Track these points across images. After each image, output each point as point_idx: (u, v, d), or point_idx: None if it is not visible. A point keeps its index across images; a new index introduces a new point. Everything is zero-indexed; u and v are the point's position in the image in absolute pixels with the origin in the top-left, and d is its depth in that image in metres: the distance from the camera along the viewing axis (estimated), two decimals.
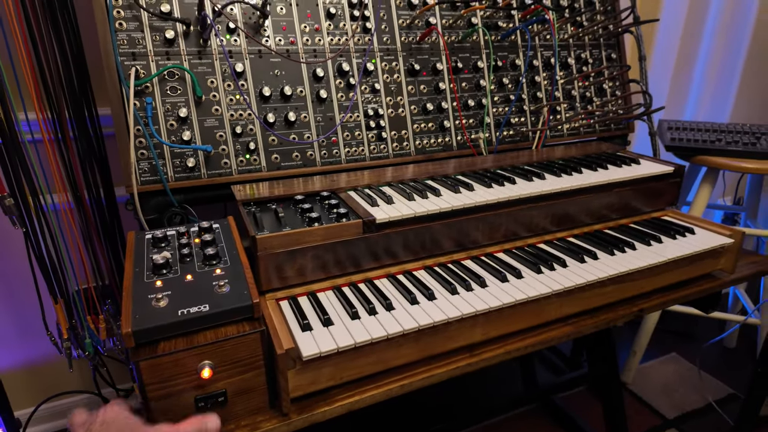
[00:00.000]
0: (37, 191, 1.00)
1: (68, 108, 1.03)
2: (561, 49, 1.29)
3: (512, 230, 0.95)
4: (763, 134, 1.48)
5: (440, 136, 1.15)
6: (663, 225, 1.03)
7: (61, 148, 1.06)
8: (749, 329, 1.86)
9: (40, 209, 1.01)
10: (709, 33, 1.90)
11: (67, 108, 1.03)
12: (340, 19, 1.05)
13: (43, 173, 1.03)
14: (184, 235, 0.75)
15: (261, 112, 0.98)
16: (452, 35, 1.16)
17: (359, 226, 0.79)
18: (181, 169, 0.92)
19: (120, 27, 0.89)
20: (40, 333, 1.34)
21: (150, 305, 0.60)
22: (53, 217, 1.05)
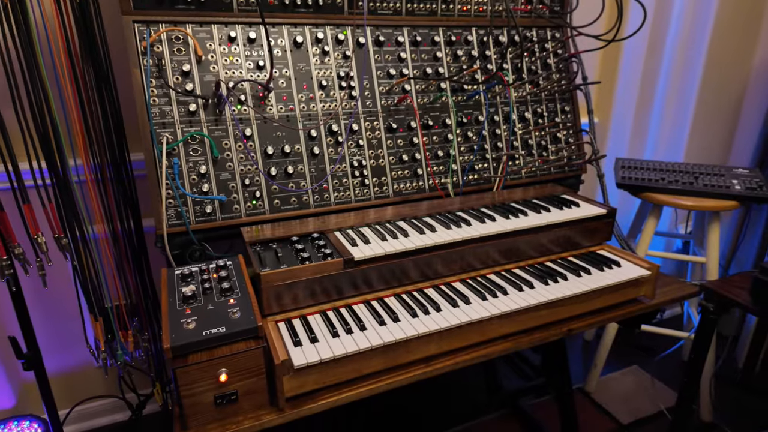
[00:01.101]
0: (82, 224, 1.22)
1: (107, 156, 1.27)
2: (519, 104, 1.52)
3: (468, 263, 1.17)
4: (701, 174, 1.69)
5: (415, 181, 1.38)
6: (596, 258, 1.25)
7: (100, 188, 1.29)
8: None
9: (82, 240, 1.24)
10: (664, 77, 2.13)
11: (106, 156, 1.27)
12: (330, 89, 1.29)
13: (86, 209, 1.26)
14: (205, 271, 0.98)
15: (265, 166, 1.21)
16: (424, 98, 1.39)
17: (341, 263, 1.01)
18: (201, 214, 1.15)
19: (153, 102, 1.12)
20: (75, 345, 1.57)
21: (182, 327, 0.82)
22: (93, 245, 1.28)
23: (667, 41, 2.08)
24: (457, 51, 1.43)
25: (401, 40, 1.36)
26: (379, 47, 1.35)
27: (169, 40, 1.14)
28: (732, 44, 2.08)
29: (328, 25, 1.29)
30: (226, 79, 1.18)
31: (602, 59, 2.15)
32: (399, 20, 1.37)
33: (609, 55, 2.11)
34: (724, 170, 1.71)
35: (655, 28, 2.06)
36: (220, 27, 1.19)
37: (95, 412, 1.71)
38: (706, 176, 1.68)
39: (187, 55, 1.15)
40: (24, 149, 1.09)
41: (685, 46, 2.07)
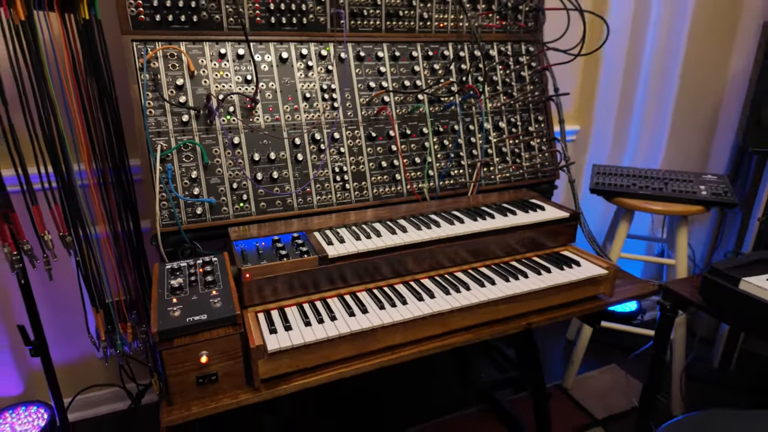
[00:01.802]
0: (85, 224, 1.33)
1: (108, 161, 1.38)
2: (495, 114, 1.62)
3: (438, 261, 1.27)
4: (671, 180, 1.78)
5: (393, 186, 1.48)
6: (558, 258, 1.34)
7: (102, 191, 1.40)
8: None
9: (85, 239, 1.35)
10: (643, 87, 2.21)
11: (107, 161, 1.38)
12: (314, 101, 1.39)
13: (89, 210, 1.37)
14: (192, 266, 1.08)
15: (252, 172, 1.32)
16: (403, 108, 1.49)
17: (316, 260, 1.11)
18: (192, 215, 1.26)
19: (149, 114, 1.23)
20: (78, 336, 1.68)
21: (169, 314, 0.93)
22: (95, 244, 1.39)
23: (645, 51, 2.16)
24: (434, 65, 1.53)
25: (381, 55, 1.47)
26: (360, 62, 1.45)
27: (165, 57, 1.25)
28: (707, 55, 2.17)
29: (312, 41, 1.40)
30: (217, 92, 1.29)
31: (583, 69, 2.25)
32: (379, 37, 1.47)
33: (589, 65, 2.20)
34: (693, 177, 1.79)
35: (633, 39, 2.15)
36: (212, 44, 1.30)
37: (97, 401, 1.82)
38: (676, 182, 1.76)
39: (181, 70, 1.27)
40: (32, 155, 1.21)
41: (661, 56, 2.16)
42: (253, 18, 1.33)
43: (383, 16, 1.46)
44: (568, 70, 2.14)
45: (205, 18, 1.28)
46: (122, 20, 1.22)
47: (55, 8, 1.17)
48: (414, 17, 1.50)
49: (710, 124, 2.28)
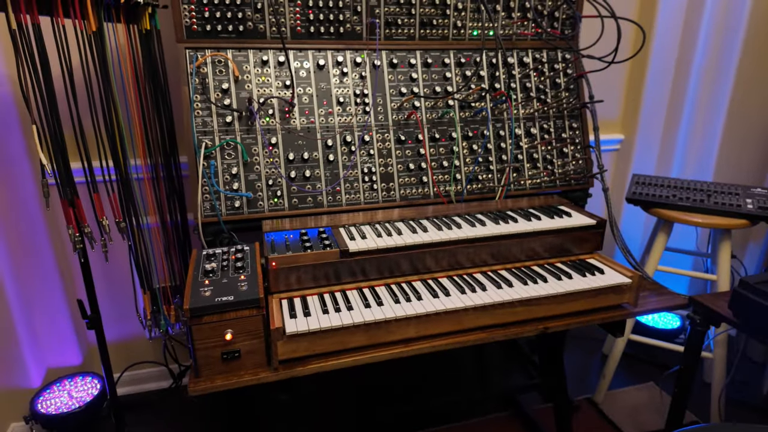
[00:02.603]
0: (138, 214, 1.48)
1: (161, 157, 1.52)
2: (527, 120, 1.63)
3: (457, 261, 1.30)
4: (715, 192, 1.70)
5: (420, 188, 1.52)
6: (582, 265, 1.33)
7: (154, 184, 1.55)
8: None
9: (138, 227, 1.49)
10: (692, 96, 2.13)
11: (160, 157, 1.52)
12: (347, 105, 1.47)
13: (142, 201, 1.52)
14: (226, 253, 1.19)
15: (287, 170, 1.41)
16: (433, 113, 1.54)
17: (337, 253, 1.18)
18: (231, 208, 1.36)
19: (197, 114, 1.36)
20: (128, 315, 1.84)
21: (200, 294, 1.03)
22: (146, 233, 1.53)
23: (696, 58, 2.08)
24: (466, 71, 1.57)
25: (413, 62, 1.53)
26: (393, 68, 1.52)
27: (213, 63, 1.38)
28: (764, 63, 2.05)
29: (348, 49, 1.48)
30: (258, 95, 1.40)
31: (628, 77, 2.19)
32: (412, 44, 1.53)
33: (635, 72, 2.15)
34: (741, 190, 1.71)
35: (683, 46, 2.08)
36: (255, 52, 1.41)
37: (144, 378, 1.99)
38: (720, 194, 1.68)
39: (227, 75, 1.38)
40: (96, 150, 1.36)
41: (713, 64, 2.07)
42: (294, 27, 1.43)
43: (417, 24, 1.52)
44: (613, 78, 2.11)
45: (250, 28, 1.39)
46: (178, 30, 1.35)
47: (122, 20, 1.32)
48: (448, 25, 1.55)
49: (766, 135, 2.15)
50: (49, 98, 1.18)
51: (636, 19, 2.10)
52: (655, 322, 2.27)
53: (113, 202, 1.35)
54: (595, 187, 1.70)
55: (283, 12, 1.40)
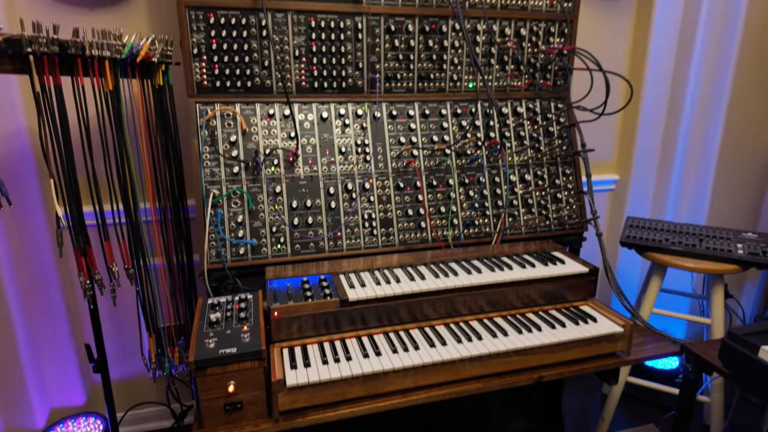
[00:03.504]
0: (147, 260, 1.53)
1: (169, 201, 1.58)
2: (521, 167, 1.69)
3: (455, 308, 1.34)
4: (706, 236, 1.74)
5: (419, 233, 1.57)
6: (575, 313, 1.36)
7: (162, 226, 1.60)
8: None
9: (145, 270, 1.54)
10: (683, 139, 2.19)
11: (169, 201, 1.58)
12: (348, 154, 1.54)
13: (150, 243, 1.57)
14: (229, 302, 1.23)
15: (290, 217, 1.47)
16: (431, 161, 1.60)
17: (337, 302, 1.22)
18: (235, 254, 1.41)
19: (206, 165, 1.42)
20: (133, 355, 1.87)
21: (205, 346, 1.07)
22: (153, 275, 1.58)
23: (686, 102, 2.15)
24: (462, 121, 1.64)
25: (412, 113, 1.60)
26: (392, 119, 1.59)
27: (222, 116, 1.45)
28: (753, 107, 2.12)
29: (350, 102, 1.56)
30: (264, 146, 1.46)
31: (622, 119, 2.26)
32: (411, 97, 1.61)
33: (628, 114, 2.21)
34: (732, 234, 1.75)
35: (674, 89, 2.15)
36: (262, 105, 1.49)
37: (146, 417, 2.00)
38: (712, 239, 1.73)
39: (235, 128, 1.45)
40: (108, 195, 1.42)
41: (704, 107, 2.14)
42: (299, 82, 1.51)
43: (415, 78, 1.60)
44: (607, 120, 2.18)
45: (257, 83, 1.47)
46: (189, 86, 1.43)
47: (137, 76, 1.40)
48: (444, 79, 1.63)
49: (760, 179, 2.20)
50: (67, 154, 1.25)
51: (627, 66, 2.19)
52: (654, 362, 2.28)
53: (123, 250, 1.41)
54: (591, 231, 1.74)
55: (289, 69, 1.48)
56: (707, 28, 2.06)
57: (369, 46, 1.53)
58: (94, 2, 1.55)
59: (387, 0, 1.50)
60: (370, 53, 1.53)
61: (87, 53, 1.23)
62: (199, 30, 1.39)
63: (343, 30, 1.49)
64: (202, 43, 1.40)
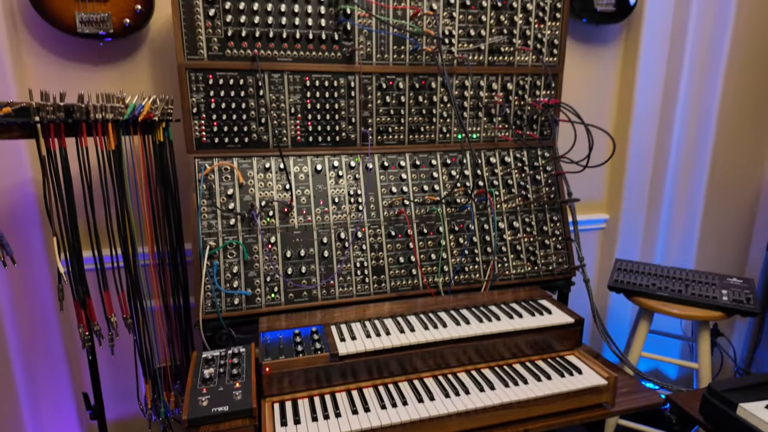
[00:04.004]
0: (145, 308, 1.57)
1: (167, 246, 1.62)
2: (509, 214, 1.74)
3: (444, 360, 1.37)
4: (692, 281, 1.78)
5: (410, 279, 1.62)
6: (561, 364, 1.39)
7: (160, 270, 1.64)
8: None
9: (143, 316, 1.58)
10: (671, 182, 2.25)
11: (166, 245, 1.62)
12: (341, 203, 1.59)
13: (148, 287, 1.61)
14: (223, 357, 1.27)
15: (284, 267, 1.51)
16: (421, 209, 1.66)
17: (327, 357, 1.26)
18: (230, 305, 1.45)
19: (203, 218, 1.48)
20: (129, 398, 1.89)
21: (198, 403, 1.10)
22: (150, 318, 1.62)
23: (672, 145, 2.21)
24: (452, 171, 1.70)
25: (403, 164, 1.66)
26: (384, 170, 1.65)
27: (220, 171, 1.51)
28: (738, 152, 2.18)
29: (343, 154, 1.62)
30: (260, 198, 1.52)
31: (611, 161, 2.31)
32: (402, 148, 1.67)
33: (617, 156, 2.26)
34: (718, 280, 1.79)
35: (661, 131, 2.21)
36: (259, 159, 1.55)
37: None
38: (698, 284, 1.76)
39: (232, 181, 1.51)
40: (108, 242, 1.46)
41: (689, 150, 2.20)
42: (295, 137, 1.57)
43: (406, 131, 1.66)
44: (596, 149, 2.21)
45: (255, 139, 1.54)
46: (188, 142, 1.49)
47: (138, 133, 1.46)
48: (434, 131, 1.69)
49: (747, 222, 2.25)
50: (70, 212, 1.30)
51: (614, 110, 2.26)
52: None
53: (122, 299, 1.45)
54: (580, 275, 1.78)
55: (285, 124, 1.55)
56: (691, 74, 2.14)
57: (361, 102, 1.59)
58: (98, 60, 1.63)
59: (378, 60, 1.57)
60: (362, 109, 1.60)
61: (91, 117, 1.29)
62: (198, 90, 1.46)
63: (337, 88, 1.56)
64: (202, 102, 1.47)
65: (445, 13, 1.61)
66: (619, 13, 2.01)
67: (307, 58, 1.52)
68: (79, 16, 1.48)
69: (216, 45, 1.44)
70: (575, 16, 1.98)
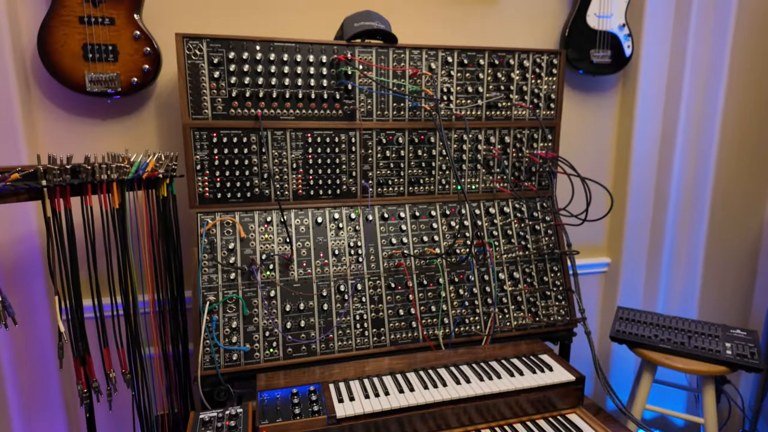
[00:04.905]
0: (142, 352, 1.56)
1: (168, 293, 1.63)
2: (509, 264, 1.74)
3: (444, 421, 1.35)
4: (695, 333, 1.76)
5: (409, 332, 1.61)
6: (564, 424, 1.37)
7: (159, 318, 1.64)
8: None
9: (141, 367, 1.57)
10: (671, 228, 2.25)
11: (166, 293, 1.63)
12: (341, 255, 1.60)
13: (147, 335, 1.60)
14: (221, 419, 1.26)
15: (283, 321, 1.51)
16: (420, 261, 1.66)
17: (324, 420, 1.24)
18: (228, 360, 1.45)
19: (204, 272, 1.49)
20: None
21: None
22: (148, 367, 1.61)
23: (672, 189, 2.22)
24: (451, 222, 1.71)
25: (403, 215, 1.68)
26: (384, 221, 1.66)
27: (221, 225, 1.53)
28: (738, 199, 2.19)
29: (344, 206, 1.64)
30: (261, 251, 1.53)
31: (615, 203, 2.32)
32: (401, 200, 1.69)
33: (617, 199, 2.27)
34: (721, 331, 1.77)
35: (660, 178, 2.23)
36: (260, 212, 1.57)
37: None
38: (701, 336, 1.74)
39: (234, 235, 1.53)
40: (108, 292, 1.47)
41: (689, 197, 2.21)
42: (296, 190, 1.60)
43: (406, 183, 1.69)
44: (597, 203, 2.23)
45: (257, 193, 1.56)
46: (191, 197, 1.52)
47: (142, 189, 1.49)
48: (434, 182, 1.71)
49: (749, 269, 2.24)
50: (73, 273, 1.32)
51: (613, 156, 2.28)
52: None
53: (121, 355, 1.45)
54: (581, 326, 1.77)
55: (287, 179, 1.58)
56: (688, 121, 2.16)
57: (362, 156, 1.62)
58: (106, 115, 1.68)
59: (378, 116, 1.61)
60: (363, 162, 1.63)
61: (97, 177, 1.32)
62: (202, 147, 1.49)
63: (338, 143, 1.59)
64: (206, 159, 1.50)
65: (443, 71, 1.65)
66: (615, 64, 2.05)
67: (309, 116, 1.56)
68: (88, 76, 1.53)
69: (220, 105, 1.48)
70: (572, 68, 2.02)
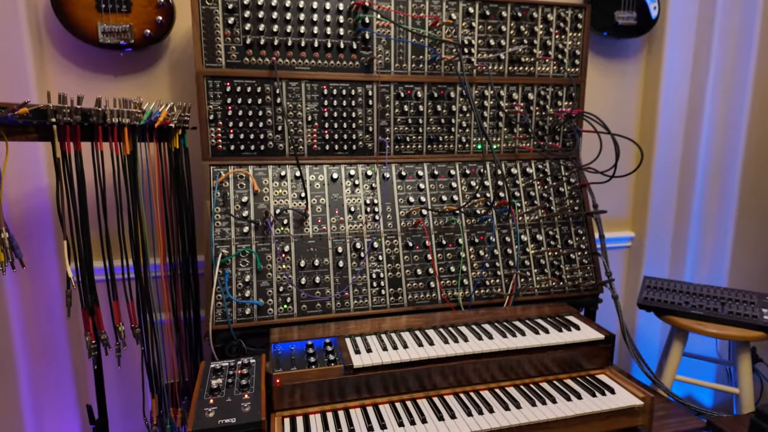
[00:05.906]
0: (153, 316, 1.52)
1: (180, 256, 1.59)
2: (532, 226, 1.67)
3: (465, 377, 1.28)
4: (729, 300, 1.67)
5: (428, 293, 1.55)
6: (592, 383, 1.30)
7: (171, 283, 1.60)
8: None
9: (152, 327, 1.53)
10: (699, 197, 2.16)
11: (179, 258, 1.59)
12: (357, 213, 1.55)
13: (158, 299, 1.56)
14: (232, 367, 1.21)
15: (297, 277, 1.46)
16: (439, 220, 1.60)
17: (341, 369, 1.19)
18: (241, 315, 1.40)
19: (217, 225, 1.44)
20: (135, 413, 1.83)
21: (204, 415, 1.04)
22: (159, 331, 1.56)
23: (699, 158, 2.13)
24: (471, 182, 1.65)
25: (421, 174, 1.62)
26: (401, 179, 1.61)
27: (234, 178, 1.48)
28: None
29: (360, 163, 1.59)
30: (275, 206, 1.48)
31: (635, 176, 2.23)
32: (420, 158, 1.63)
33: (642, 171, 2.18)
34: (756, 297, 1.68)
35: (687, 145, 2.14)
36: (274, 167, 1.52)
37: None
38: (735, 303, 1.66)
39: (247, 189, 1.49)
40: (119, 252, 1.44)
41: (718, 163, 2.12)
42: (311, 145, 1.55)
43: (424, 141, 1.63)
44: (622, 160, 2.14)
45: (270, 147, 1.52)
46: (204, 149, 1.48)
47: (154, 140, 1.45)
48: (453, 141, 1.66)
49: None
50: (82, 217, 1.28)
51: (638, 122, 2.20)
52: None
53: (131, 309, 1.41)
54: (607, 292, 1.69)
55: (301, 133, 1.53)
56: (717, 81, 2.07)
57: (379, 112, 1.57)
58: (119, 70, 1.65)
59: (396, 69, 1.56)
60: (380, 118, 1.58)
61: (108, 121, 1.28)
62: (216, 97, 1.45)
63: (354, 97, 1.54)
64: (219, 110, 1.46)
65: (465, 23, 1.60)
66: (641, 26, 1.98)
67: (325, 67, 1.52)
68: (101, 27, 1.50)
69: (234, 53, 1.45)
70: (596, 30, 1.95)
